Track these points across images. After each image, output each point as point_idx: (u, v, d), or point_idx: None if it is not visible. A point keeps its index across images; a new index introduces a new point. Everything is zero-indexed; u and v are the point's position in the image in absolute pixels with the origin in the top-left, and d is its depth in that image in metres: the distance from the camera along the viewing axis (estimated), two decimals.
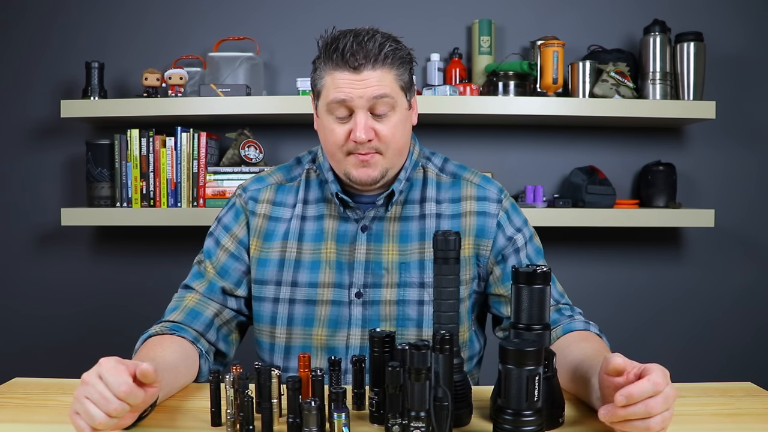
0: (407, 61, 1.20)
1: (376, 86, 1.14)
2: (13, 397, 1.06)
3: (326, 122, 1.20)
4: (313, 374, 0.91)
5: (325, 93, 1.18)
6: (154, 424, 0.95)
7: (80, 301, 2.35)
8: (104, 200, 2.13)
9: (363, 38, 1.14)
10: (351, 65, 1.13)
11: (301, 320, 1.23)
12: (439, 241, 0.93)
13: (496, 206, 1.27)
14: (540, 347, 0.84)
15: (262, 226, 1.27)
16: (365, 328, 1.21)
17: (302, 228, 1.26)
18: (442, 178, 1.30)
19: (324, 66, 1.18)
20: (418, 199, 1.27)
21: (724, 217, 2.29)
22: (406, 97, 1.21)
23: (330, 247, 1.24)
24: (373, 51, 1.14)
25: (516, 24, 2.30)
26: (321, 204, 1.27)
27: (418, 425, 0.82)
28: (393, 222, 1.25)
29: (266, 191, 1.30)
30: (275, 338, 1.25)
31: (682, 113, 2.09)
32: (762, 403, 1.04)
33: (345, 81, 1.14)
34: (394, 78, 1.17)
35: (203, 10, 2.29)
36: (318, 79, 1.20)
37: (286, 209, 1.28)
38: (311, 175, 1.31)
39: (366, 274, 1.22)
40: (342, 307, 1.22)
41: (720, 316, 2.37)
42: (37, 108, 2.31)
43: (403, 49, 1.19)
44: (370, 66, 1.14)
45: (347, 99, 1.15)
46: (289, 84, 2.28)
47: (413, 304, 1.21)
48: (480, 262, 1.26)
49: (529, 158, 2.32)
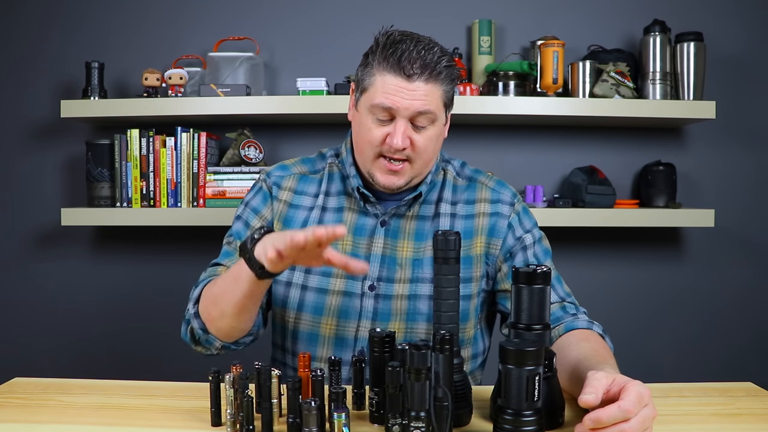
0: (455, 78, 1.21)
1: (424, 100, 1.15)
2: (13, 397, 1.06)
3: (365, 120, 1.20)
4: (313, 374, 0.91)
5: (372, 92, 1.17)
6: (154, 423, 0.95)
7: (80, 301, 2.35)
8: (104, 200, 2.13)
9: (423, 48, 1.14)
10: (406, 72, 1.13)
11: (311, 307, 1.25)
12: (439, 241, 0.93)
13: (508, 209, 1.30)
14: (540, 347, 0.84)
15: (282, 211, 1.30)
16: (375, 320, 1.23)
17: (322, 218, 1.29)
18: (458, 181, 1.33)
19: (377, 65, 1.17)
20: (435, 200, 1.30)
21: (724, 217, 2.29)
22: (446, 113, 1.23)
23: (347, 239, 1.26)
24: (431, 64, 1.14)
25: (516, 24, 2.30)
26: (342, 197, 1.30)
27: (418, 425, 0.82)
28: (410, 220, 1.28)
29: (289, 179, 1.33)
30: (285, 321, 1.28)
31: (682, 113, 2.09)
32: (762, 403, 1.04)
33: (395, 87, 1.14)
34: (442, 94, 1.18)
35: (203, 10, 2.29)
36: (367, 75, 1.19)
37: (308, 198, 1.31)
38: (334, 169, 1.33)
39: (381, 267, 1.24)
40: (354, 299, 1.24)
41: (720, 316, 2.37)
42: (37, 108, 2.31)
43: (456, 67, 1.20)
44: (424, 78, 1.14)
45: (393, 108, 1.15)
46: (289, 84, 2.28)
47: (425, 299, 1.23)
48: (489, 261, 1.28)
49: (529, 158, 2.32)
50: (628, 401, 0.82)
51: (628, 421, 0.81)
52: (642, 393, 0.84)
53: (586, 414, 0.83)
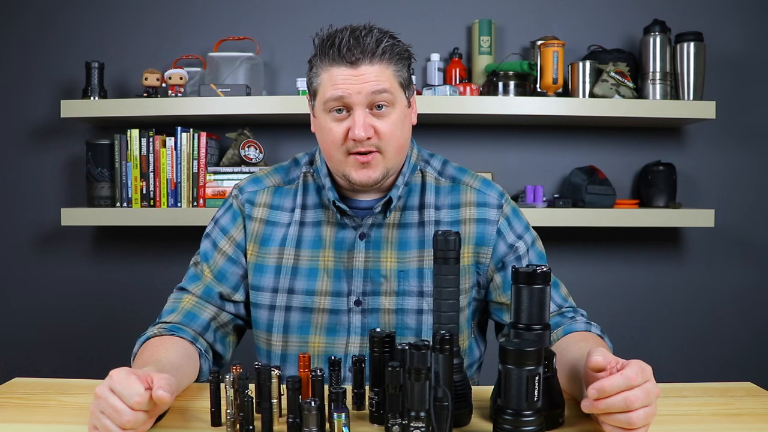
0: (405, 57, 1.18)
1: (374, 81, 1.12)
2: (13, 397, 1.06)
3: (324, 121, 1.17)
4: (313, 374, 0.91)
5: (322, 91, 1.15)
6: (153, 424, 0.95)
7: (80, 301, 2.35)
8: (104, 200, 2.13)
9: (360, 33, 1.12)
10: (348, 60, 1.11)
11: (297, 328, 1.22)
12: (439, 241, 0.92)
13: (496, 212, 1.24)
14: (540, 347, 0.84)
15: (259, 230, 1.25)
16: (364, 336, 1.20)
17: (300, 234, 1.24)
18: (441, 182, 1.27)
19: (320, 63, 1.15)
20: (417, 206, 1.24)
21: (724, 217, 2.29)
22: (405, 95, 1.19)
23: (328, 254, 1.22)
24: (370, 46, 1.11)
25: (516, 24, 2.30)
26: (319, 210, 1.25)
27: (418, 425, 0.82)
28: (391, 229, 1.23)
29: (263, 194, 1.27)
30: (271, 345, 1.24)
31: (682, 113, 2.09)
32: (762, 403, 1.04)
33: (342, 77, 1.12)
34: (393, 74, 1.14)
35: (203, 10, 2.29)
36: (314, 77, 1.17)
37: (284, 213, 1.26)
38: (309, 179, 1.28)
39: (365, 281, 1.20)
40: (341, 315, 1.21)
41: (720, 316, 2.37)
42: (37, 108, 2.31)
43: (401, 45, 1.17)
44: (367, 61, 1.12)
45: (345, 95, 1.12)
46: (289, 84, 2.28)
47: (412, 313, 1.20)
48: (480, 270, 1.24)
49: (529, 158, 2.32)
50: (631, 371, 0.83)
51: (632, 390, 0.82)
52: (644, 367, 0.85)
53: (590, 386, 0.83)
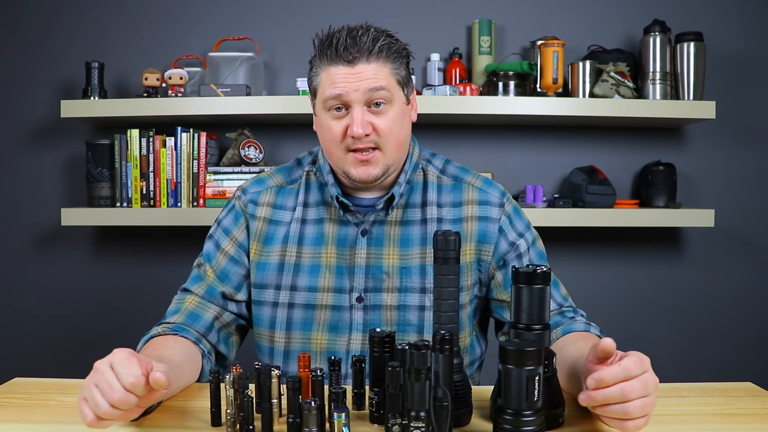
0: (403, 55, 1.20)
1: (372, 79, 1.14)
2: (13, 397, 1.06)
3: (323, 119, 1.19)
4: (313, 374, 0.91)
5: (321, 90, 1.18)
6: (153, 424, 0.95)
7: (80, 301, 2.35)
8: (104, 200, 2.13)
9: (357, 32, 1.15)
10: (345, 59, 1.14)
11: (300, 324, 1.23)
12: (439, 241, 0.92)
13: (498, 210, 1.25)
14: (540, 347, 0.84)
15: (262, 229, 1.27)
16: (366, 332, 1.20)
17: (302, 231, 1.25)
18: (443, 180, 1.28)
19: (319, 63, 1.18)
20: (420, 203, 1.26)
21: (724, 217, 2.29)
22: (404, 92, 1.20)
23: (330, 251, 1.23)
24: (367, 44, 1.14)
25: (516, 24, 2.30)
26: (321, 207, 1.26)
27: (418, 425, 0.82)
28: (394, 226, 1.24)
29: (266, 194, 1.29)
30: (274, 342, 1.25)
31: (682, 113, 2.09)
32: (762, 403, 1.04)
33: (340, 75, 1.14)
34: (390, 72, 1.17)
35: (203, 10, 2.29)
36: (314, 77, 1.20)
37: (287, 212, 1.27)
38: (311, 177, 1.30)
39: (367, 278, 1.21)
40: (343, 312, 1.22)
41: (720, 316, 2.37)
42: (37, 108, 2.31)
43: (398, 43, 1.19)
44: (364, 59, 1.14)
45: (343, 93, 1.14)
46: (289, 84, 2.28)
47: (414, 310, 1.21)
48: (482, 267, 1.25)
49: (529, 158, 2.32)
50: (629, 361, 0.83)
51: (629, 380, 0.82)
52: (643, 358, 0.85)
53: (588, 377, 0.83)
